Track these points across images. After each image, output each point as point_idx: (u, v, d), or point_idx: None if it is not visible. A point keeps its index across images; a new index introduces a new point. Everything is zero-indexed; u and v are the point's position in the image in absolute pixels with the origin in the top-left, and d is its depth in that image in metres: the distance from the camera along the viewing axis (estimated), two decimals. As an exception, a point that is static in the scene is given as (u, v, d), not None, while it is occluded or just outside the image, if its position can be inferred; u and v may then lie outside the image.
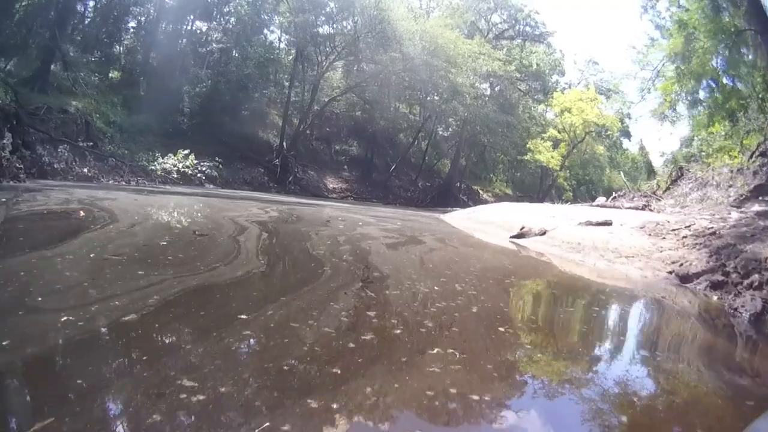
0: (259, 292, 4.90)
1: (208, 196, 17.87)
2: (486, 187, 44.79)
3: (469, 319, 4.51)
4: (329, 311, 4.28)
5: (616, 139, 47.22)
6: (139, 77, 28.56)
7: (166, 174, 22.94)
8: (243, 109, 31.36)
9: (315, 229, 10.62)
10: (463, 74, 32.74)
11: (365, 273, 6.20)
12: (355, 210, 19.64)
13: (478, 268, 7.54)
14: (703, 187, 20.01)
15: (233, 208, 13.38)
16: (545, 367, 3.54)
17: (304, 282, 5.43)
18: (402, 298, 5.05)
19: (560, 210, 17.33)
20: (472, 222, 17.83)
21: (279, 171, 30.08)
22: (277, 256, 7.24)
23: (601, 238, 10.05)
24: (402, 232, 12.25)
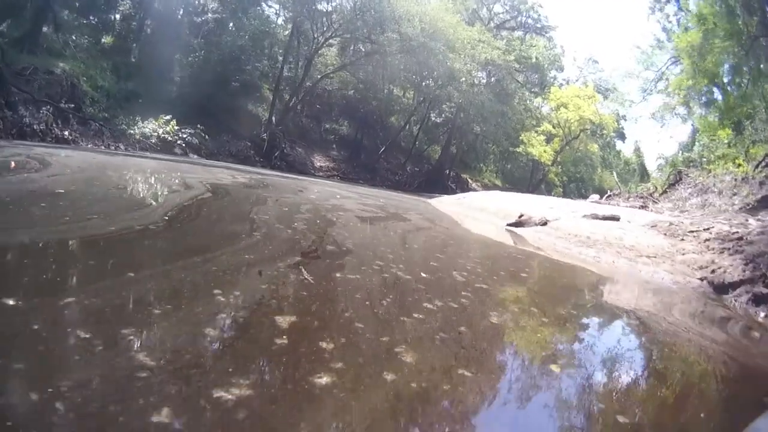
0: (125, 252, 3.67)
1: (184, 163, 16.87)
2: (475, 177, 43.55)
3: (466, 358, 2.69)
4: (200, 306, 2.70)
5: (610, 139, 46.25)
6: (132, 44, 27.52)
7: (145, 139, 21.87)
8: (233, 81, 29.88)
9: (278, 196, 9.24)
10: (461, 60, 31.57)
11: (314, 246, 4.83)
12: (339, 186, 18.33)
13: (474, 257, 6.46)
14: (704, 194, 19.25)
15: (199, 173, 12.33)
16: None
17: (205, 248, 4.14)
18: (359, 291, 3.58)
19: (557, 202, 16.14)
20: (463, 208, 16.55)
21: (266, 146, 29.06)
22: (198, 215, 5.87)
23: (614, 234, 8.75)
24: (384, 208, 11.04)
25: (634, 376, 2.97)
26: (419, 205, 16.42)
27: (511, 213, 12.64)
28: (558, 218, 10.69)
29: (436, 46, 29.57)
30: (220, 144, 26.95)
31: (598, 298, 5.45)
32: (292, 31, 31.45)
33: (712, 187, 18.85)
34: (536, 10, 43.17)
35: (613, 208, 14.14)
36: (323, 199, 10.48)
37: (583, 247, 8.34)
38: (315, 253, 4.46)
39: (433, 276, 4.34)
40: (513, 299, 4.41)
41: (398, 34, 29.43)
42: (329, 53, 35.49)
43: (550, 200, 16.96)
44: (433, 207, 16.52)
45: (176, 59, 27.94)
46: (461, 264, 5.34)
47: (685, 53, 15.28)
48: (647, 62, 25.86)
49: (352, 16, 30.09)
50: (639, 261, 7.32)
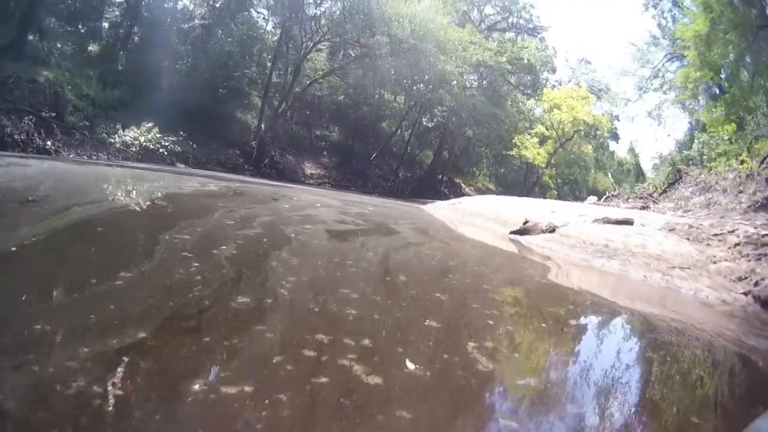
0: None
1: (161, 172, 16.04)
2: (468, 181, 42.67)
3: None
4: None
5: (604, 140, 45.37)
6: (119, 51, 26.69)
7: (125, 147, 20.96)
8: (221, 88, 29.06)
9: (238, 206, 8.21)
10: (452, 62, 30.69)
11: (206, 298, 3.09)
12: (326, 194, 17.22)
13: (491, 297, 4.68)
14: (706, 192, 18.51)
15: (165, 181, 11.26)
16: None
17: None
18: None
19: (558, 205, 15.10)
20: (458, 214, 15.51)
21: (255, 153, 28.29)
22: (81, 236, 4.62)
23: (634, 241, 7.68)
24: (369, 218, 9.98)
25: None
26: (411, 212, 15.36)
27: (511, 218, 11.65)
28: (566, 224, 9.63)
29: (427, 48, 28.81)
30: (208, 152, 26.20)
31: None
32: (281, 36, 30.74)
33: (714, 185, 18.16)
34: (528, 10, 42.43)
35: (618, 210, 13.23)
36: (297, 209, 9.34)
37: (604, 258, 7.28)
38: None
39: (435, 370, 2.50)
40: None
41: (388, 37, 28.68)
42: (318, 58, 34.64)
43: (550, 203, 15.95)
44: (426, 214, 15.51)
45: (164, 66, 26.98)
46: (478, 318, 3.60)
47: (691, 43, 14.28)
48: (643, 59, 25.10)
49: (341, 20, 29.46)
50: (673, 274, 6.24)
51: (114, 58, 26.19)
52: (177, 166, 22.36)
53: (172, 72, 27.10)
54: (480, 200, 18.38)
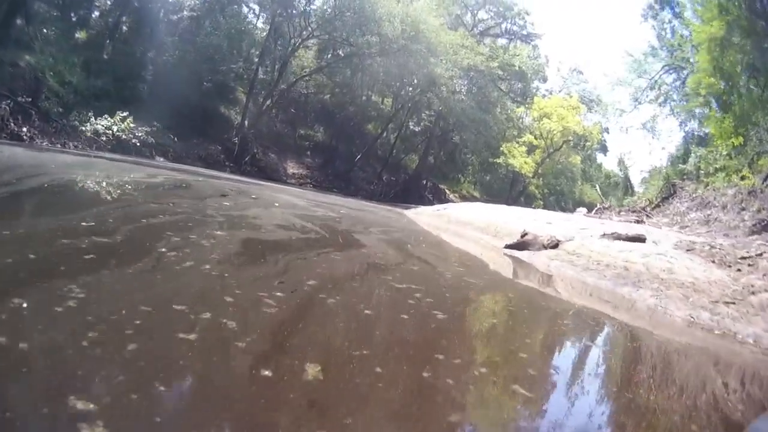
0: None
1: (123, 162, 15.05)
2: (453, 188, 41.32)
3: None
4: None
5: (592, 152, 44.28)
6: (106, 40, 25.59)
7: (96, 136, 20.10)
8: (206, 81, 28.31)
9: (164, 200, 6.69)
10: (443, 65, 29.61)
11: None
12: (300, 194, 15.94)
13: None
14: (704, 208, 17.59)
15: (112, 171, 9.76)
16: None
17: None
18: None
19: (554, 216, 13.75)
20: (443, 221, 14.07)
21: (237, 150, 27.44)
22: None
23: (658, 265, 6.33)
24: (332, 224, 8.46)
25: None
26: (390, 217, 13.98)
27: (503, 228, 10.27)
28: (570, 238, 8.21)
29: (417, 49, 27.92)
30: (189, 147, 25.44)
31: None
32: (270, 31, 29.87)
33: (713, 201, 17.30)
34: (522, 16, 41.28)
35: (622, 225, 11.90)
36: (241, 207, 8.12)
37: (630, 286, 5.86)
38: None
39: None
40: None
41: (378, 36, 27.80)
42: (306, 55, 33.60)
43: (544, 214, 14.62)
44: (408, 220, 14.13)
45: (149, 58, 26.11)
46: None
47: (705, 47, 13.03)
48: (639, 70, 24.07)
49: (331, 17, 28.59)
50: (720, 312, 4.78)
51: (100, 46, 25.15)
52: (156, 160, 21.66)
53: (158, 64, 26.30)
54: (467, 207, 16.97)
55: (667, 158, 27.14)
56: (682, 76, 23.71)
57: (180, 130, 24.87)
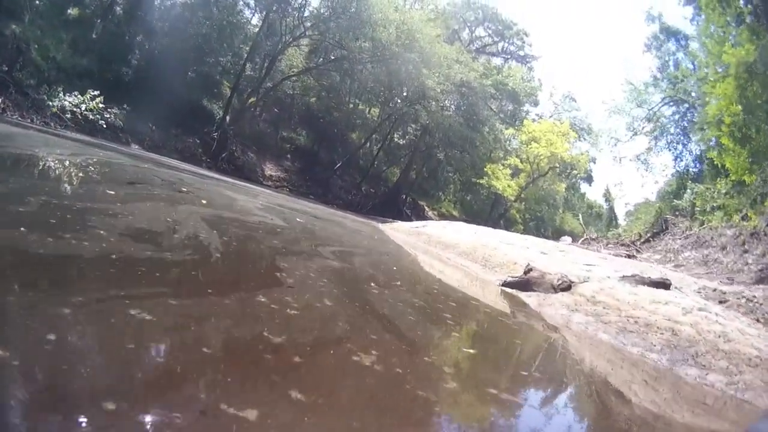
0: None
1: (77, 142, 13.55)
2: (433, 205, 39.75)
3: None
4: None
5: (576, 181, 42.89)
6: (97, 19, 24.13)
7: (61, 113, 18.89)
8: (191, 72, 27.09)
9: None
10: (435, 77, 28.21)
11: None
12: (263, 195, 14.00)
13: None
14: (700, 247, 16.44)
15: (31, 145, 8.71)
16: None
17: None
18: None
19: (547, 245, 12.00)
20: (422, 241, 12.17)
21: (215, 145, 26.05)
22: None
23: (710, 329, 4.54)
24: (254, 241, 5.96)
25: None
26: (360, 232, 12.04)
27: (494, 256, 8.47)
28: (585, 279, 6.29)
29: (410, 58, 26.64)
30: (167, 137, 24.37)
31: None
32: (262, 26, 28.41)
33: (710, 240, 16.14)
34: (521, 37, 40.35)
35: (621, 261, 10.12)
36: (137, 199, 5.92)
37: (691, 365, 4.09)
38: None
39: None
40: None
41: (371, 41, 26.70)
42: (296, 55, 32.09)
43: (534, 241, 12.98)
44: (382, 237, 12.18)
45: (137, 42, 25.17)
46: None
47: (732, 73, 11.46)
48: (639, 99, 22.78)
49: (326, 17, 27.42)
50: None
51: (91, 25, 23.74)
52: (131, 147, 20.62)
53: (145, 49, 25.44)
54: (449, 227, 15.10)
55: (657, 193, 25.98)
56: (681, 110, 22.67)
57: (160, 120, 23.76)
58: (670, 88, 21.67)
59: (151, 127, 23.39)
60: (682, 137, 23.12)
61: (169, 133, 24.65)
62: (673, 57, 23.61)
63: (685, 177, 22.27)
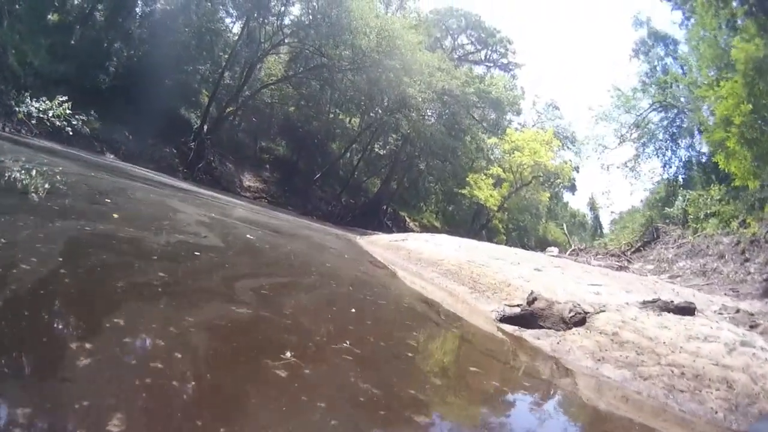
0: None
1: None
2: (414, 216, 38.48)
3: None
4: None
5: (559, 190, 41.81)
6: (77, 25, 23.45)
7: (27, 119, 18.05)
8: (168, 79, 25.86)
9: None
10: (416, 86, 27.19)
11: None
12: (228, 206, 12.35)
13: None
14: (695, 256, 15.49)
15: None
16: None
17: None
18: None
19: (541, 260, 10.62)
20: (401, 257, 10.82)
21: (192, 155, 25.06)
22: None
23: (762, 371, 3.03)
24: (128, 276, 3.93)
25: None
26: (329, 247, 10.53)
27: (484, 277, 7.10)
28: (602, 307, 4.89)
29: (391, 65, 25.61)
30: (143, 147, 23.54)
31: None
32: (241, 33, 27.61)
33: (705, 249, 15.27)
34: (505, 44, 39.51)
35: (630, 278, 8.84)
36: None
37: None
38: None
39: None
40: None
41: (351, 49, 25.78)
42: (275, 64, 31.27)
43: (525, 255, 11.74)
44: (357, 252, 10.65)
45: (116, 49, 24.23)
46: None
47: (740, 70, 10.36)
48: (627, 105, 21.79)
49: (305, 24, 26.74)
50: None
51: (70, 31, 23.03)
52: (105, 156, 20.03)
53: (123, 56, 24.47)
54: (431, 240, 13.70)
55: (644, 201, 24.97)
56: (669, 116, 21.83)
57: (136, 129, 22.99)
58: (659, 93, 20.86)
59: (127, 136, 22.58)
60: (670, 143, 22.41)
61: (145, 142, 23.65)
62: (662, 62, 23.03)
63: (674, 184, 21.34)
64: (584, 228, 45.83)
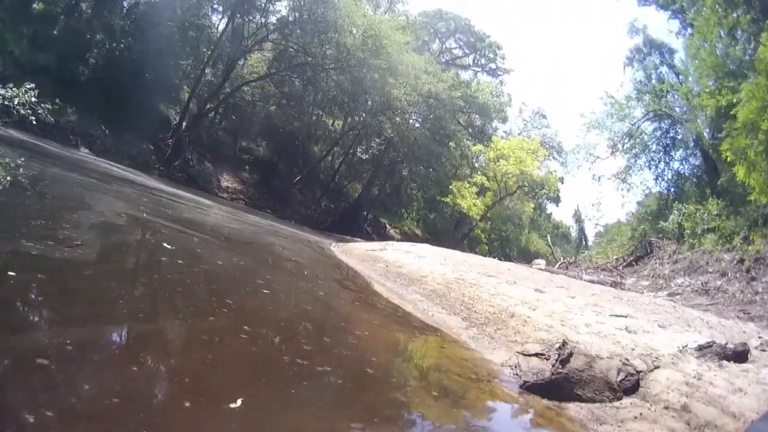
0: None
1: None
2: (395, 223, 37.05)
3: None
4: None
5: (542, 200, 40.53)
6: (61, 15, 22.48)
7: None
8: (148, 73, 24.38)
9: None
10: (401, 87, 25.99)
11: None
12: (192, 204, 10.62)
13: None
14: (694, 273, 14.30)
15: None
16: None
17: None
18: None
19: (539, 278, 9.14)
20: (379, 270, 9.35)
21: (169, 152, 23.87)
22: None
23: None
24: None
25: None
26: (294, 257, 8.89)
27: (479, 301, 5.45)
28: (654, 361, 3.36)
29: (377, 65, 24.51)
30: (120, 142, 22.45)
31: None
32: (225, 29, 26.60)
33: (705, 266, 14.15)
34: (494, 50, 38.35)
35: (641, 303, 7.49)
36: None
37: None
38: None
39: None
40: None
41: (336, 47, 24.63)
42: (258, 61, 29.95)
43: (518, 271, 10.23)
44: (330, 261, 8.98)
45: (97, 40, 23.24)
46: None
47: (764, 72, 9.19)
48: (620, 114, 20.64)
49: (290, 21, 25.71)
50: None
51: (54, 21, 22.06)
52: (79, 150, 18.98)
53: (105, 48, 23.48)
54: (413, 250, 12.12)
55: (633, 214, 23.80)
56: (663, 126, 20.82)
57: (114, 123, 21.89)
58: (653, 102, 19.73)
59: (104, 130, 21.55)
60: (663, 155, 21.26)
61: (122, 138, 22.57)
62: (657, 71, 22.09)
63: (667, 197, 20.27)
64: (567, 240, 44.73)
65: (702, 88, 16.55)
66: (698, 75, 16.52)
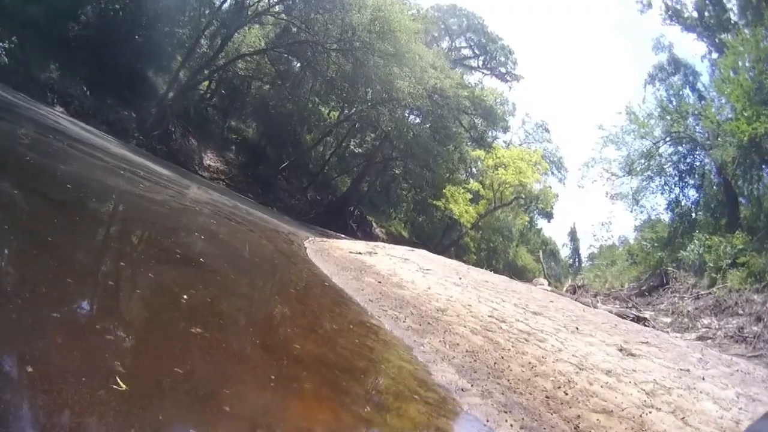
0: None
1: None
2: (382, 222, 35.08)
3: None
4: None
5: (533, 215, 38.71)
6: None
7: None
8: (139, 36, 22.92)
9: None
10: (406, 78, 23.81)
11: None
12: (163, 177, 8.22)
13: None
14: (722, 314, 12.36)
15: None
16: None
17: None
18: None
19: (574, 316, 6.77)
20: (370, 282, 6.63)
21: (151, 122, 22.39)
22: None
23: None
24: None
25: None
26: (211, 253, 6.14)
27: (564, 383, 3.08)
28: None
29: (382, 49, 22.47)
30: (100, 106, 20.98)
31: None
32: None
33: (734, 306, 12.19)
34: (506, 53, 36.42)
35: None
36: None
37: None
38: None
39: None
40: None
41: (341, 26, 22.57)
42: (257, 38, 27.44)
43: (561, 304, 7.75)
44: (294, 267, 6.49)
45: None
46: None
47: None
48: (640, 131, 18.75)
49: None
50: None
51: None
52: (54, 108, 17.60)
53: (99, 6, 21.91)
54: (413, 259, 9.83)
55: (637, 236, 21.79)
56: (682, 150, 19.53)
57: (97, 85, 20.79)
58: (677, 124, 17.95)
59: (85, 91, 20.45)
60: (678, 180, 19.65)
61: (103, 101, 21.23)
62: (678, 93, 20.40)
63: (677, 224, 18.36)
64: (555, 257, 42.66)
65: (736, 115, 14.72)
66: (733, 100, 14.66)
